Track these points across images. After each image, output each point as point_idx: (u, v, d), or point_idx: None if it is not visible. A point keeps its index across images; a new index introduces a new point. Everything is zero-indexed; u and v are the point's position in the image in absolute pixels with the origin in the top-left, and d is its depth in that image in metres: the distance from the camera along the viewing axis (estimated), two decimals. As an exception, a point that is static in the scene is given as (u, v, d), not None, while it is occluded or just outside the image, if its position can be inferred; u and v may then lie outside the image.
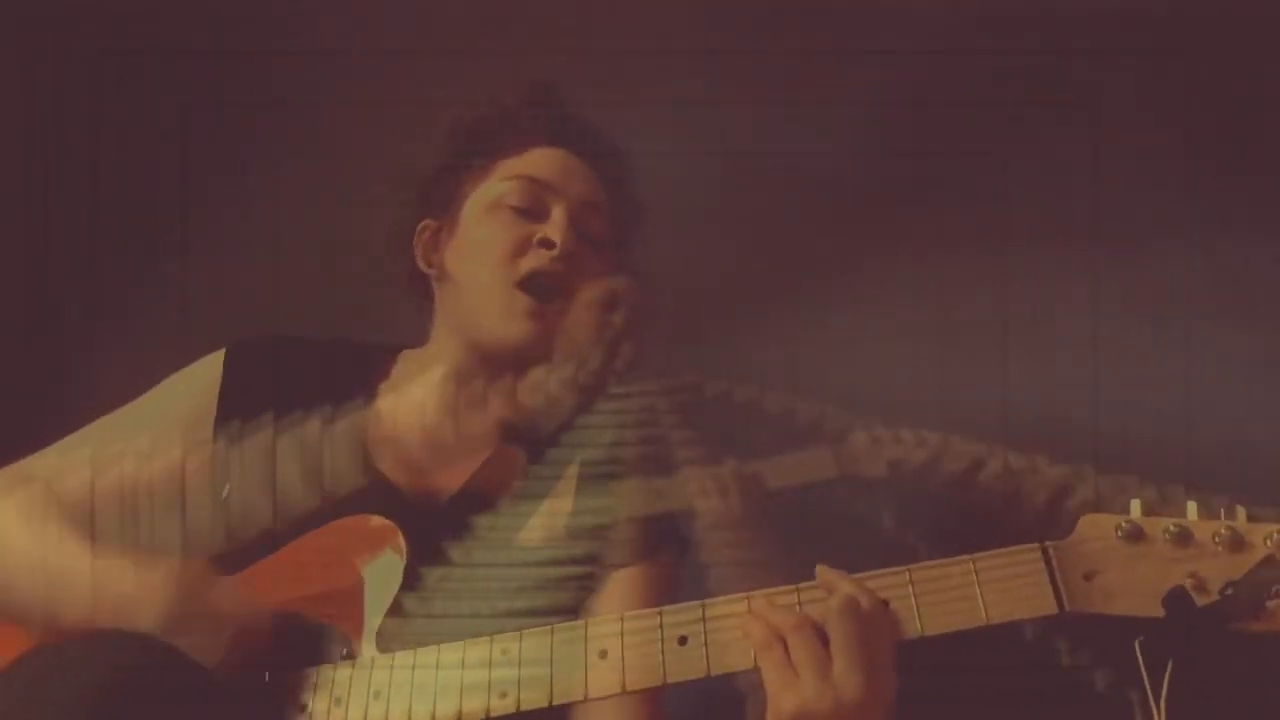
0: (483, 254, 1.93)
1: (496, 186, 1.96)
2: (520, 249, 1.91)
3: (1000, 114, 2.44)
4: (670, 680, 1.54)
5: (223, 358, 1.96)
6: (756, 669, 1.52)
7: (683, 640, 1.54)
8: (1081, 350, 2.32)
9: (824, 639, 1.48)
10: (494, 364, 1.91)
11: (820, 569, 1.56)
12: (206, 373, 1.95)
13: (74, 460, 1.89)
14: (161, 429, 1.89)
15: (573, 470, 1.90)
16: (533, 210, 1.94)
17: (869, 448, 2.18)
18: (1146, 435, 2.09)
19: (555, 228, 1.91)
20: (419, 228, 2.02)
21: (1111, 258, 2.36)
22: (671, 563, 1.90)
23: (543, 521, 1.86)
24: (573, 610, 1.70)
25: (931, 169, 2.47)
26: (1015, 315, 2.38)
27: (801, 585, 1.56)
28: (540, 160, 1.98)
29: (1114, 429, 2.12)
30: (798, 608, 1.53)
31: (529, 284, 1.90)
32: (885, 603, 1.51)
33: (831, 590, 1.52)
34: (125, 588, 1.65)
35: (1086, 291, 2.35)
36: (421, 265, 2.01)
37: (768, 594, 1.55)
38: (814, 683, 1.46)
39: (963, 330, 2.40)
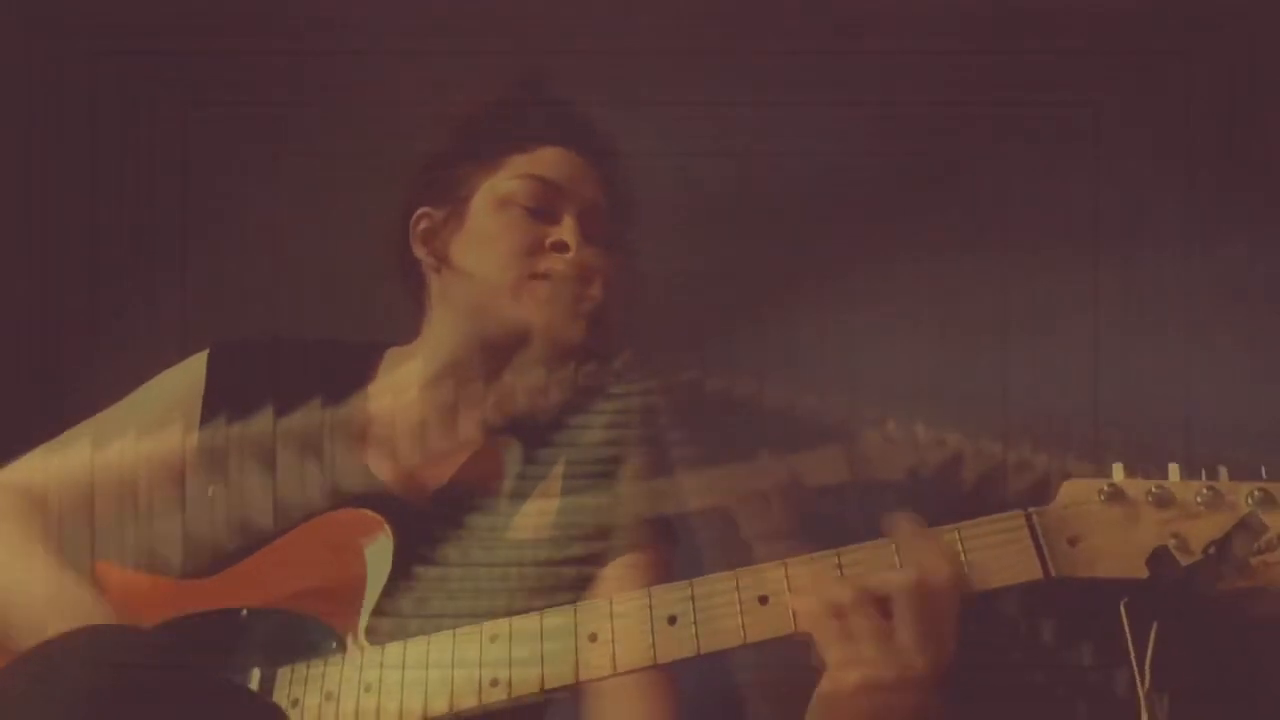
0: (495, 247, 1.93)
1: (508, 183, 1.97)
2: (533, 249, 1.92)
3: (1000, 114, 2.44)
4: (661, 660, 1.54)
5: (205, 359, 1.96)
6: (747, 646, 1.53)
7: (672, 620, 1.54)
8: (1081, 350, 2.32)
9: (884, 609, 1.48)
10: (489, 357, 1.92)
11: (896, 524, 1.54)
12: (189, 374, 1.95)
13: (69, 466, 1.89)
14: (144, 431, 1.89)
15: (560, 468, 1.90)
16: (544, 211, 1.95)
17: (883, 449, 2.19)
18: (1146, 434, 2.09)
19: (569, 231, 1.93)
20: (416, 215, 2.02)
21: (1111, 258, 2.36)
22: (665, 550, 1.90)
23: (530, 520, 1.86)
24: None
25: (931, 169, 2.47)
26: (1015, 315, 2.38)
27: (841, 550, 1.55)
28: (550, 160, 1.98)
29: (1114, 428, 2.12)
30: (839, 573, 1.53)
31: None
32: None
33: (897, 556, 1.52)
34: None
35: (1086, 291, 2.35)
36: (419, 252, 2.01)
37: (804, 562, 1.55)
38: (878, 655, 1.46)
39: (963, 330, 2.40)
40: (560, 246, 1.92)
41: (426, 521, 1.80)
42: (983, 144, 2.45)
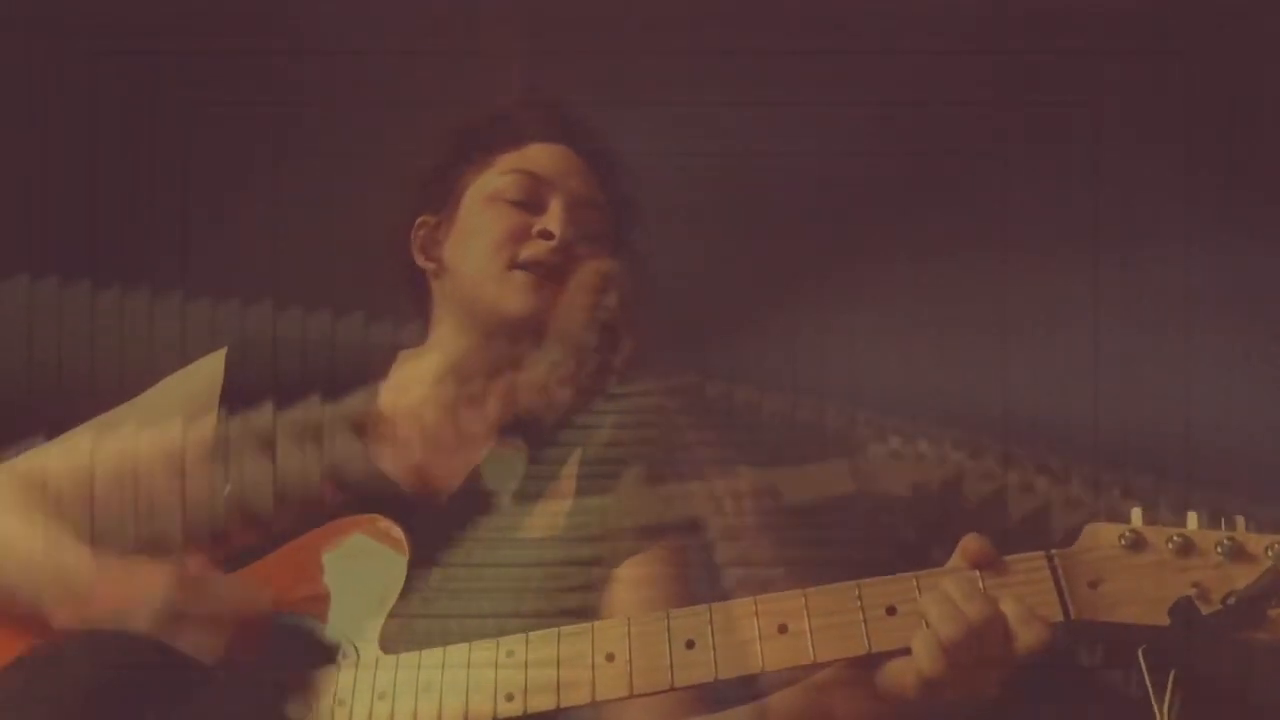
0: (480, 241, 1.93)
1: (495, 179, 1.97)
2: (518, 238, 1.92)
3: (1000, 114, 2.44)
4: (678, 684, 1.54)
5: (224, 356, 1.96)
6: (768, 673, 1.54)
7: (690, 644, 1.54)
8: (1081, 350, 2.32)
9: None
10: (494, 359, 1.92)
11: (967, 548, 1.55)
12: (208, 371, 1.95)
13: (73, 455, 1.89)
14: (158, 430, 1.89)
15: (571, 469, 1.90)
16: (531, 203, 1.95)
17: (888, 464, 2.19)
18: (1146, 435, 2.09)
19: (554, 219, 1.92)
20: (416, 223, 2.03)
21: (1111, 258, 2.36)
22: (682, 542, 1.90)
23: (542, 521, 1.86)
24: (575, 610, 1.70)
25: (931, 169, 2.47)
26: (1015, 315, 2.38)
27: (920, 574, 1.56)
28: (539, 155, 1.99)
29: (1114, 429, 2.12)
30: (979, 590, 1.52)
31: (527, 266, 1.91)
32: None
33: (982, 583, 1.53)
34: (121, 588, 1.65)
35: (1086, 291, 2.35)
36: (419, 260, 2.02)
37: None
38: (968, 674, 1.48)
39: (963, 330, 2.40)
40: (545, 234, 1.91)
41: (441, 524, 1.80)
42: (983, 144, 2.45)
